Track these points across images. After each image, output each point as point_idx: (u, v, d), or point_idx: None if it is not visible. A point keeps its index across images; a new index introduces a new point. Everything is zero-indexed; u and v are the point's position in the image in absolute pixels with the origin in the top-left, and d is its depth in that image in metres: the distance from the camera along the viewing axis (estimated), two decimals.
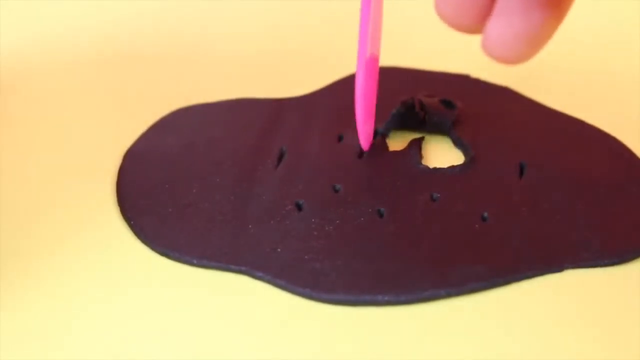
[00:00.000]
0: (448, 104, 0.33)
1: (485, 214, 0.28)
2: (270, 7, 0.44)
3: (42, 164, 0.31)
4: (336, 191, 0.29)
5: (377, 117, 0.33)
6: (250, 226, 0.28)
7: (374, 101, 0.31)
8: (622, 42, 0.40)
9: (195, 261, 0.27)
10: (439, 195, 0.29)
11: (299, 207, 0.29)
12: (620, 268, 0.27)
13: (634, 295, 0.26)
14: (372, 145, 0.32)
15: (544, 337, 0.24)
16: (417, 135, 0.33)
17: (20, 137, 0.33)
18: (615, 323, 0.25)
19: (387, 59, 0.38)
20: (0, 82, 0.36)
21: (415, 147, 0.32)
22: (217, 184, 0.30)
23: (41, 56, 0.39)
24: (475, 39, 0.41)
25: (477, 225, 0.28)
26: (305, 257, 0.27)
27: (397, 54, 0.38)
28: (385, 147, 0.32)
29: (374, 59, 0.30)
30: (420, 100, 0.33)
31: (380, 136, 0.32)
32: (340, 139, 0.32)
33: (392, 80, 0.36)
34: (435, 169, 0.31)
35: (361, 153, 0.31)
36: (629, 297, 0.26)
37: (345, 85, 0.36)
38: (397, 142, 0.32)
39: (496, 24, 0.22)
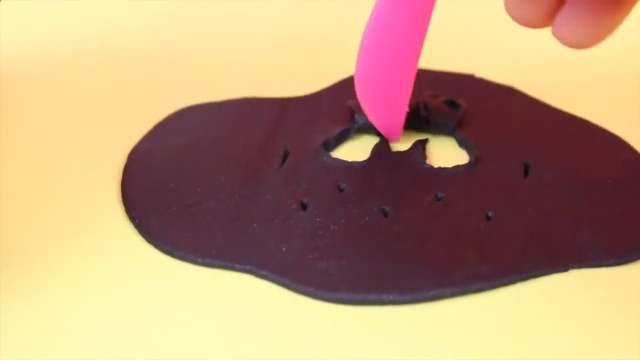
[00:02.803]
0: (452, 104, 0.33)
1: (490, 214, 0.28)
2: (275, 6, 0.44)
3: (47, 164, 0.31)
4: (341, 190, 0.29)
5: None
6: (254, 225, 0.28)
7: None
8: (627, 42, 0.40)
9: (199, 260, 0.27)
10: (443, 194, 0.29)
11: (303, 207, 0.29)
12: (626, 268, 0.27)
13: (639, 295, 0.26)
14: (380, 147, 0.32)
15: (549, 337, 0.24)
16: (421, 136, 0.33)
17: (25, 137, 0.33)
18: (621, 323, 0.25)
19: None
20: (5, 82, 0.36)
21: (420, 147, 0.32)
22: (221, 183, 0.30)
23: (46, 56, 0.39)
24: (480, 39, 0.41)
25: (482, 225, 0.28)
26: (310, 256, 0.27)
27: None
28: (389, 147, 0.32)
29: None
30: (425, 101, 0.33)
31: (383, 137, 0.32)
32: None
33: None
34: (439, 168, 0.31)
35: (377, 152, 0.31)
36: (634, 297, 0.26)
37: (350, 85, 0.36)
38: (401, 143, 0.32)
39: (565, 18, 0.25)
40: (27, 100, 0.35)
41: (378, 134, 0.33)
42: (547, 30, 0.42)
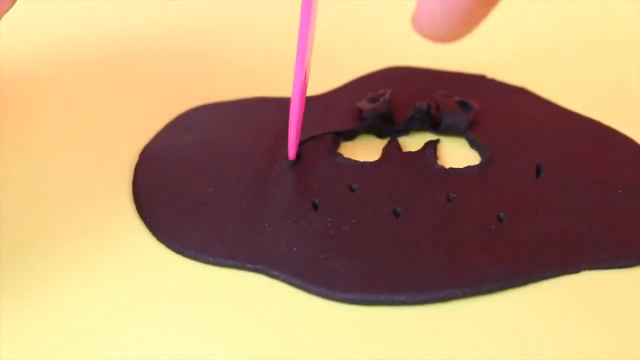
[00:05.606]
0: (464, 105, 0.33)
1: (502, 215, 0.28)
2: (285, 7, 0.44)
3: (59, 163, 0.31)
4: (352, 190, 0.29)
5: (394, 117, 0.33)
6: (266, 225, 0.28)
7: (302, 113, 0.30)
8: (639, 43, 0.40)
9: (211, 260, 0.27)
10: (455, 195, 0.29)
11: (315, 207, 0.29)
12: (638, 269, 0.27)
13: None
14: (386, 149, 0.32)
15: (560, 338, 0.24)
16: (432, 137, 0.33)
17: (37, 136, 0.33)
18: (633, 324, 0.25)
19: (403, 60, 0.38)
20: (19, 81, 0.36)
21: (431, 148, 0.32)
22: (233, 183, 0.30)
23: (59, 55, 0.39)
24: (491, 40, 0.41)
25: (493, 226, 0.28)
26: (322, 256, 0.27)
27: (412, 54, 0.38)
28: (400, 147, 0.32)
29: (306, 73, 0.29)
30: (437, 101, 0.33)
31: (394, 136, 0.32)
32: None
33: (408, 80, 0.36)
34: (451, 169, 0.30)
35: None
36: None
37: (360, 85, 0.36)
38: (413, 144, 0.32)
39: (424, 7, 0.22)
40: (39, 99, 0.35)
41: (388, 134, 0.33)
42: (556, 32, 0.42)
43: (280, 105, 0.34)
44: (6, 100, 0.35)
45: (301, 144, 0.31)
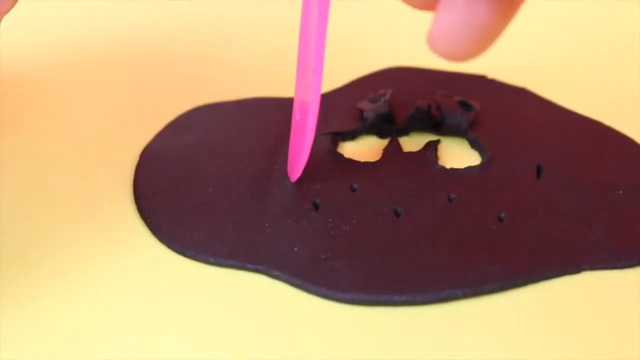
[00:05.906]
0: (465, 106, 0.33)
1: (502, 215, 0.28)
2: (287, 7, 0.44)
3: (59, 163, 0.31)
4: (353, 190, 0.29)
5: (395, 117, 0.33)
6: (266, 225, 0.28)
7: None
8: None
9: (211, 260, 0.27)
10: (455, 195, 0.29)
11: (315, 207, 0.29)
12: (638, 269, 0.27)
13: None
14: (387, 148, 0.32)
15: (560, 338, 0.24)
16: (433, 137, 0.33)
17: (38, 136, 0.33)
18: (633, 324, 0.25)
19: (404, 60, 0.38)
20: (20, 82, 0.36)
21: (432, 148, 0.32)
22: (233, 183, 0.30)
23: (59, 55, 0.39)
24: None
25: (494, 226, 0.28)
26: (322, 256, 0.27)
27: (413, 54, 0.38)
28: (401, 148, 0.32)
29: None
30: (437, 101, 0.33)
31: (395, 136, 0.32)
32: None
33: (409, 80, 0.36)
34: (452, 169, 0.30)
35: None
36: None
37: (361, 86, 0.36)
38: (414, 144, 0.32)
39: (441, 17, 0.22)
40: (40, 99, 0.35)
41: (388, 134, 0.33)
42: (558, 32, 0.42)
43: (280, 105, 0.34)
44: (6, 100, 0.35)
45: None
